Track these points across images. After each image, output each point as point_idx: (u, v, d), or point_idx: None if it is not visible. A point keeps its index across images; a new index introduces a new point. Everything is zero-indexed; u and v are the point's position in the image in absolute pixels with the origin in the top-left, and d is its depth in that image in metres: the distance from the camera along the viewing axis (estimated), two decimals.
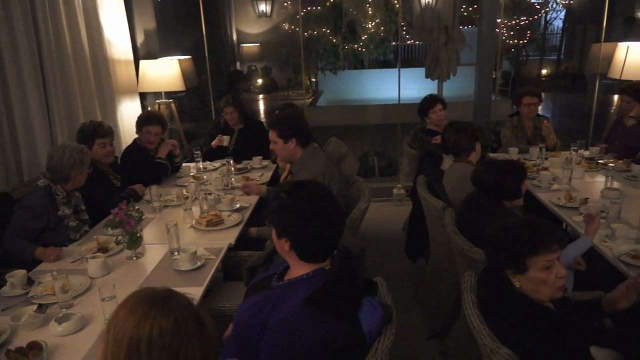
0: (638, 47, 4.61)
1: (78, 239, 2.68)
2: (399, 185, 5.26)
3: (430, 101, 4.15)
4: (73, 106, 3.92)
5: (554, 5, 13.93)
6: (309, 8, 10.31)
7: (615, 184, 3.27)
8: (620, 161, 3.67)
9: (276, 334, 1.39)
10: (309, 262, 1.52)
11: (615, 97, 6.64)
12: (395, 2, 7.72)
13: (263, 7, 12.69)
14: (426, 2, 5.63)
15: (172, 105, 5.40)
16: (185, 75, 5.19)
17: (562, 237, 1.58)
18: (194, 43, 7.40)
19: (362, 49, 10.91)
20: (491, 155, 3.95)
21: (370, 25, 10.18)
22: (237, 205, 3.07)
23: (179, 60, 5.20)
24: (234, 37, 13.28)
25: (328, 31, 10.85)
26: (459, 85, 4.94)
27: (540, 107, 4.27)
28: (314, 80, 12.93)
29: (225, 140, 4.24)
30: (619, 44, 4.82)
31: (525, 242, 1.57)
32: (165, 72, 4.94)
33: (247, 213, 3.00)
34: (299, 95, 11.81)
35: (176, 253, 2.41)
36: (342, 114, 10.41)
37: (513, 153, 3.92)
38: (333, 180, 2.77)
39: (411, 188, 3.85)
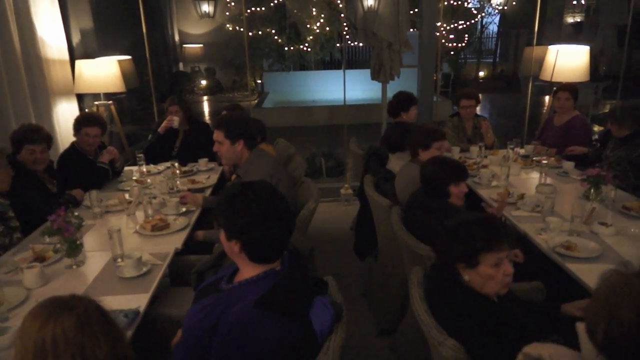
0: (567, 50, 4.90)
1: (7, 244, 2.53)
2: (346, 185, 5.33)
3: (411, 98, 4.12)
4: (3, 108, 3.70)
5: (489, 10, 14.57)
6: (253, 9, 10.23)
7: (549, 180, 3.46)
8: (552, 158, 3.89)
9: (227, 336, 1.37)
10: (260, 263, 1.51)
11: (547, 98, 7.03)
12: (339, 3, 7.80)
13: (205, 8, 12.49)
14: (369, 5, 5.74)
15: (112, 107, 5.21)
16: (125, 76, 5.02)
17: (512, 237, 1.66)
18: (134, 43, 7.17)
19: (307, 50, 10.95)
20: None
21: (315, 27, 10.23)
22: (184, 209, 3.00)
23: (119, 60, 5.02)
24: (176, 37, 12.99)
25: (273, 32, 10.82)
26: (402, 87, 5.07)
27: (478, 108, 4.45)
28: (259, 81, 12.85)
29: (175, 121, 4.12)
30: (550, 47, 5.10)
31: (481, 238, 1.62)
32: (104, 73, 4.75)
33: (194, 216, 2.94)
34: (244, 97, 11.71)
35: (120, 260, 2.32)
36: (288, 115, 10.40)
37: (455, 152, 4.06)
38: (281, 182, 2.76)
39: (358, 188, 3.91)
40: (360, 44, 13.24)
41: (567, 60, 4.85)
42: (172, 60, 12.75)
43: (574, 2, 13.31)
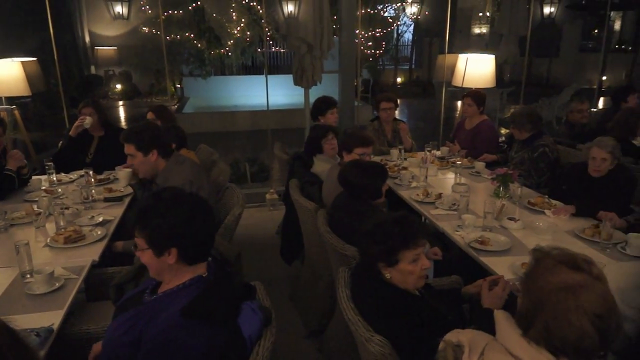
0: (475, 58, 5.23)
1: None
2: (272, 190, 5.31)
3: (328, 103, 4.20)
4: None
5: (404, 20, 15.21)
6: (170, 12, 9.92)
7: (463, 180, 3.67)
8: (466, 159, 4.12)
9: (153, 348, 1.32)
10: (196, 263, 1.49)
11: (459, 102, 7.46)
12: (259, 8, 7.78)
13: (119, 9, 11.94)
14: (289, 11, 5.78)
15: (15, 111, 4.82)
16: (30, 78, 4.66)
17: (428, 233, 1.74)
18: (40, 44, 6.69)
19: (228, 54, 10.80)
20: None
21: (235, 31, 10.12)
22: (100, 219, 2.84)
23: (22, 62, 4.66)
24: (87, 39, 12.30)
25: (192, 35, 10.56)
26: (325, 92, 5.18)
27: (397, 112, 4.63)
28: (179, 86, 12.49)
29: (87, 120, 3.86)
30: (460, 55, 5.42)
31: (398, 237, 1.69)
32: (5, 75, 4.39)
33: (112, 226, 2.79)
34: (163, 102, 11.30)
35: (28, 275, 2.15)
36: (210, 120, 10.20)
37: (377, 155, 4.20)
38: (202, 188, 2.69)
39: (284, 192, 3.91)
40: (283, 49, 13.32)
41: (476, 68, 5.17)
42: (83, 63, 12.06)
43: (480, 14, 14.26)
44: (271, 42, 12.02)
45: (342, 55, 6.00)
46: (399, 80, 16.27)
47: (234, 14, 9.92)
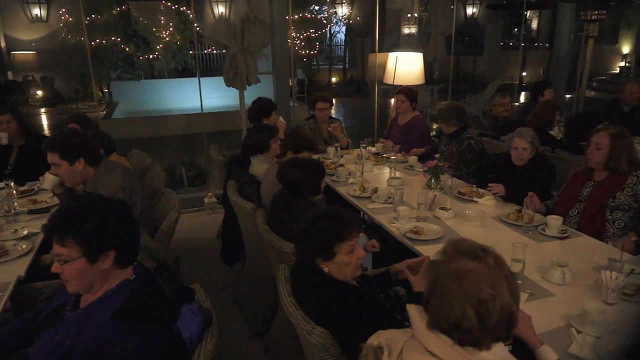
0: (404, 56, 5.40)
1: None
2: (210, 194, 5.23)
3: (270, 104, 4.19)
4: None
5: (337, 21, 15.45)
6: (93, 16, 9.50)
7: (398, 174, 3.79)
8: (399, 154, 4.26)
9: (87, 355, 1.27)
10: (129, 265, 1.48)
11: (392, 100, 7.68)
12: (189, 11, 7.62)
13: (37, 11, 11.30)
14: (220, 12, 5.72)
15: None
16: None
17: (360, 223, 1.79)
18: None
19: (158, 58, 10.50)
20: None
21: (164, 34, 9.86)
22: (25, 232, 2.69)
23: None
24: (2, 43, 11.54)
25: (119, 40, 10.17)
26: (259, 93, 5.14)
27: (333, 111, 4.71)
28: (106, 90, 11.99)
29: (3, 137, 3.63)
30: (390, 53, 5.58)
31: (332, 231, 1.73)
32: None
33: (38, 239, 2.65)
34: (90, 108, 10.82)
35: None
36: (142, 125, 9.85)
37: None
38: (135, 194, 2.62)
39: (222, 195, 3.87)
40: (215, 51, 13.12)
41: (405, 66, 5.35)
42: None
43: (409, 15, 14.74)
44: (204, 45, 11.81)
45: (275, 56, 6.02)
46: (333, 79, 16.50)
47: (161, 18, 9.66)
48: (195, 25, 6.97)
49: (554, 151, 3.99)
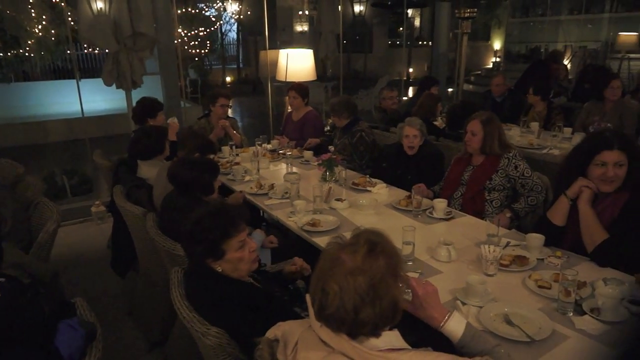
0: (295, 53, 5.44)
1: None
2: (97, 202, 4.87)
3: (158, 104, 4.00)
4: None
5: (228, 19, 15.20)
6: None
7: (294, 169, 3.82)
8: (295, 149, 4.29)
9: None
10: None
11: (287, 97, 7.73)
12: (63, 4, 7.00)
13: None
14: (99, 7, 5.34)
15: None
16: None
17: (247, 215, 1.75)
18: None
19: (29, 55, 9.54)
20: None
21: (36, 29, 9.00)
22: None
23: None
24: None
25: None
26: (149, 94, 4.87)
27: (230, 111, 4.62)
28: None
29: None
30: (280, 50, 5.60)
31: (217, 229, 1.67)
32: None
33: None
34: None
35: None
36: (14, 132, 8.89)
37: None
38: (4, 207, 2.36)
39: (110, 202, 3.62)
40: (97, 51, 12.25)
41: (297, 63, 5.39)
42: None
43: (300, 13, 14.92)
44: (84, 44, 10.97)
45: (161, 55, 5.77)
46: (228, 79, 16.24)
47: (32, 11, 8.81)
48: (70, 19, 6.45)
49: (438, 140, 4.25)
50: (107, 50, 5.11)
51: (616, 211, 2.16)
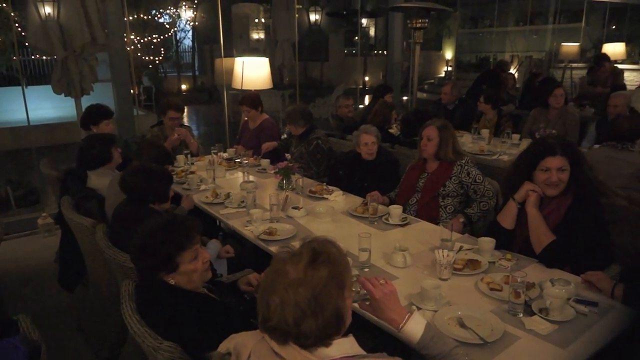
0: (250, 61, 5.42)
1: None
2: (44, 214, 4.66)
3: (103, 111, 3.87)
4: None
5: (182, 26, 14.98)
6: None
7: (251, 177, 3.79)
8: (252, 158, 4.26)
9: None
10: None
11: None
12: (9, 9, 6.70)
13: None
14: (47, 13, 5.15)
15: None
16: None
17: (199, 226, 1.71)
18: None
19: None
20: None
21: None
22: None
23: None
24: None
25: None
26: (99, 102, 4.70)
27: (185, 119, 4.53)
28: None
29: None
30: (236, 58, 5.55)
31: (171, 241, 1.63)
32: None
33: None
34: None
35: None
36: None
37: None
38: None
39: (57, 213, 3.48)
40: (45, 57, 11.79)
41: (252, 71, 5.36)
42: None
43: (256, 21, 14.90)
44: (30, 49, 10.54)
45: (113, 62, 5.61)
46: (183, 87, 15.98)
47: None
48: (17, 25, 6.19)
49: (393, 147, 4.32)
50: (55, 57, 4.93)
51: (561, 214, 2.25)
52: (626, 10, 13.13)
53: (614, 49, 9.45)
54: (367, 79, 16.77)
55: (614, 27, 14.28)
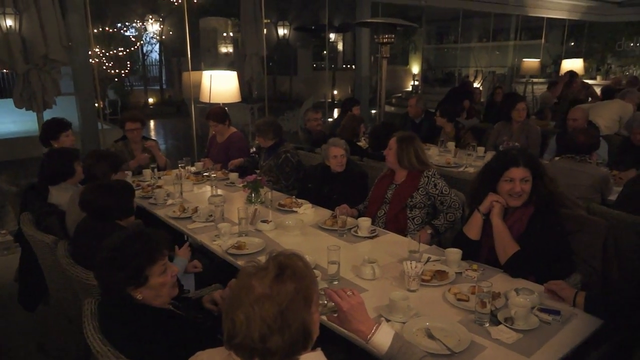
0: (218, 75, 5.40)
1: None
2: (3, 231, 4.49)
3: (60, 125, 3.79)
4: None
5: (149, 39, 14.81)
6: None
7: (219, 191, 3.74)
8: (220, 171, 4.22)
9: None
10: None
11: None
12: None
13: None
14: (8, 25, 5.02)
15: None
16: None
17: (168, 238, 1.68)
18: None
19: None
20: None
21: None
22: None
23: None
24: None
25: None
26: (64, 115, 4.55)
27: (152, 133, 4.47)
28: None
29: None
30: (204, 72, 5.53)
31: (142, 254, 1.59)
32: None
33: None
34: None
35: None
36: None
37: (128, 175, 3.95)
38: None
39: (17, 230, 3.35)
40: (6, 70, 11.44)
41: (220, 84, 5.35)
42: None
43: (225, 34, 14.87)
44: None
45: (76, 75, 5.50)
46: (151, 100, 15.75)
47: None
48: None
49: (362, 160, 4.36)
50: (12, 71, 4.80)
51: (524, 224, 2.31)
52: (584, 27, 13.73)
53: (573, 65, 9.86)
54: (335, 92, 16.92)
55: (572, 43, 14.90)
